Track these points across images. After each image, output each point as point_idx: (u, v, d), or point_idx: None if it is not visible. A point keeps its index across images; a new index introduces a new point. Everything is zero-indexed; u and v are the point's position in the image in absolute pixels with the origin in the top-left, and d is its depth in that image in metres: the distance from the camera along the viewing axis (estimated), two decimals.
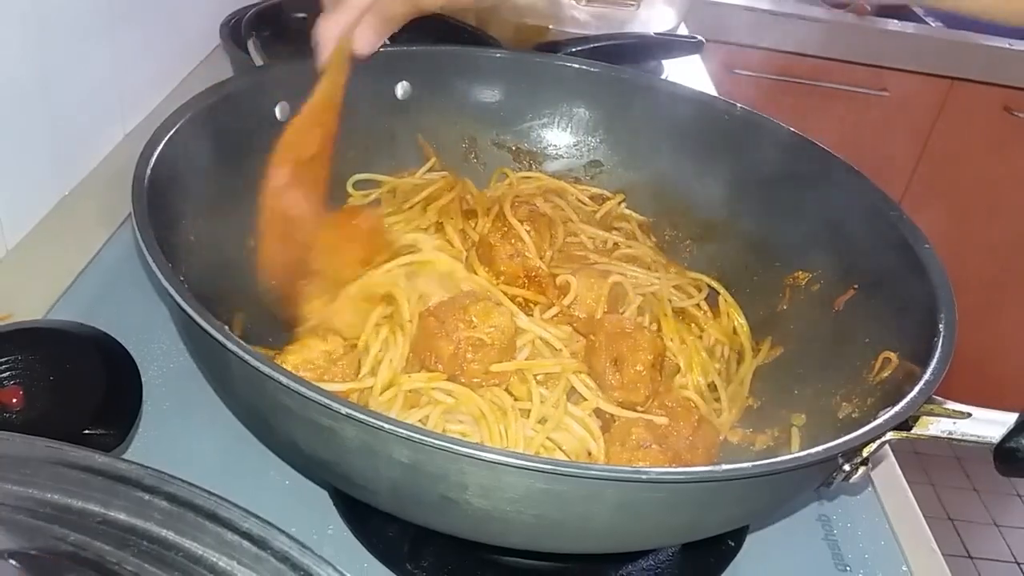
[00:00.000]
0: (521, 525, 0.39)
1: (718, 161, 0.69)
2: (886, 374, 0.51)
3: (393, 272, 0.56)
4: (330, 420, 0.37)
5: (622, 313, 0.61)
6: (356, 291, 0.56)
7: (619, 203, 0.71)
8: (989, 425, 0.44)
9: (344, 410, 0.36)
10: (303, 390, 0.37)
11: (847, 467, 0.43)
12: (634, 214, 0.71)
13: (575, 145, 0.74)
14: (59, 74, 0.67)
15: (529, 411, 0.51)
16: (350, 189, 0.68)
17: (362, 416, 0.36)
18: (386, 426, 0.36)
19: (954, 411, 0.44)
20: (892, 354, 0.51)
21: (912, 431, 0.44)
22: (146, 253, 0.42)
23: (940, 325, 0.48)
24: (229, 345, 0.38)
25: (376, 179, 0.69)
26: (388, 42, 0.60)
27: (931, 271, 0.52)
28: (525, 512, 0.38)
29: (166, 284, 0.41)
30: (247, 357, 0.38)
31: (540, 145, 0.74)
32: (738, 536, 0.52)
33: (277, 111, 0.62)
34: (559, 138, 0.74)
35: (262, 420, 0.44)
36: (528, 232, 0.63)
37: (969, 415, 0.44)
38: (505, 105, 0.72)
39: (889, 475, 0.60)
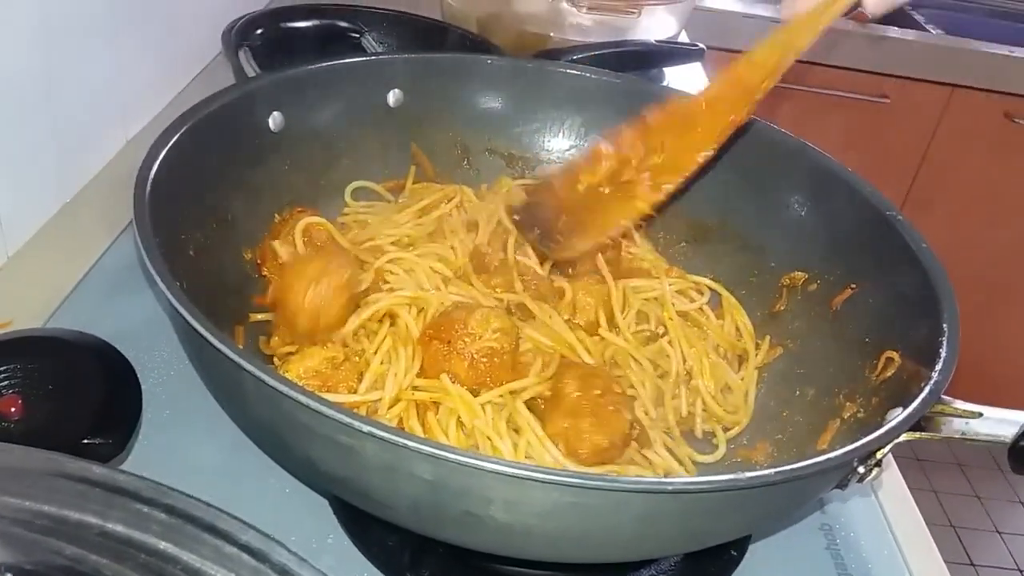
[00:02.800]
0: (544, 537, 0.40)
1: (710, 163, 0.69)
2: (889, 373, 0.51)
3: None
4: (350, 438, 0.37)
5: (624, 318, 0.61)
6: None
7: None
8: (1001, 424, 0.44)
9: (365, 428, 0.36)
10: (324, 409, 0.36)
11: (861, 469, 0.43)
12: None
13: (568, 150, 0.74)
14: (61, 80, 0.67)
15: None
16: (348, 199, 0.68)
17: (385, 434, 0.36)
18: (410, 444, 0.35)
19: (965, 411, 0.44)
20: (894, 353, 0.51)
21: (925, 432, 0.44)
22: (148, 263, 0.42)
23: (943, 324, 0.48)
24: (245, 364, 0.38)
25: (372, 188, 0.69)
26: (379, 50, 0.60)
27: (930, 270, 0.52)
28: (549, 525, 0.39)
29: (174, 302, 0.40)
30: (263, 376, 0.37)
31: (533, 150, 0.74)
32: (740, 546, 0.51)
33: (271, 122, 0.62)
34: (552, 143, 0.74)
35: (276, 437, 0.44)
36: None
37: (980, 415, 0.44)
38: (497, 111, 0.72)
39: (891, 482, 0.60)
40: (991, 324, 1.76)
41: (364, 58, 0.75)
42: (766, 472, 0.38)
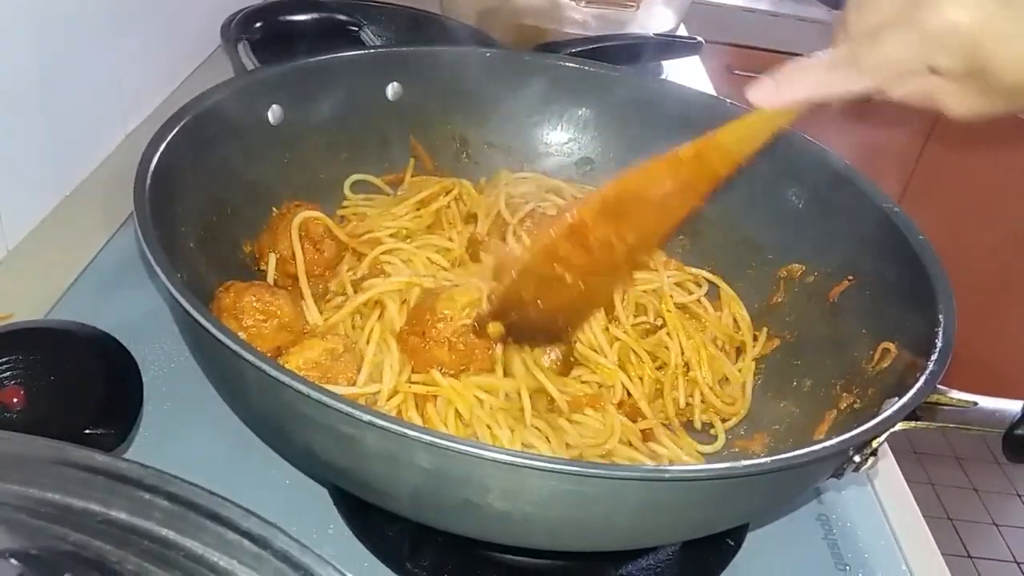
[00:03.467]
0: (542, 526, 0.40)
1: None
2: (886, 364, 0.51)
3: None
4: (351, 428, 0.37)
5: (624, 309, 0.61)
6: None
7: None
8: (996, 413, 0.45)
9: (366, 417, 0.36)
10: (325, 399, 0.36)
11: (857, 458, 0.43)
12: None
13: (566, 143, 0.74)
14: (60, 75, 0.67)
15: None
16: (347, 192, 0.68)
17: (385, 423, 0.36)
18: (409, 432, 0.36)
19: (960, 400, 0.45)
20: (891, 344, 0.52)
21: (920, 421, 0.44)
22: (149, 256, 0.42)
23: (939, 315, 0.48)
24: (246, 355, 0.38)
25: (371, 181, 0.69)
26: (377, 44, 0.59)
27: (926, 261, 0.53)
28: (547, 513, 0.39)
29: (175, 292, 0.40)
30: (264, 366, 0.38)
31: (531, 143, 0.74)
32: (738, 535, 0.52)
33: (269, 115, 0.62)
34: (551, 136, 0.74)
35: (276, 427, 0.44)
36: (528, 231, 0.63)
37: (975, 404, 0.45)
38: (496, 104, 0.72)
39: (888, 474, 0.60)
40: (988, 318, 1.77)
41: (363, 51, 0.75)
42: (762, 460, 0.38)
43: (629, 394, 0.57)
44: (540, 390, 0.53)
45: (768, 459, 0.38)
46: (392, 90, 0.69)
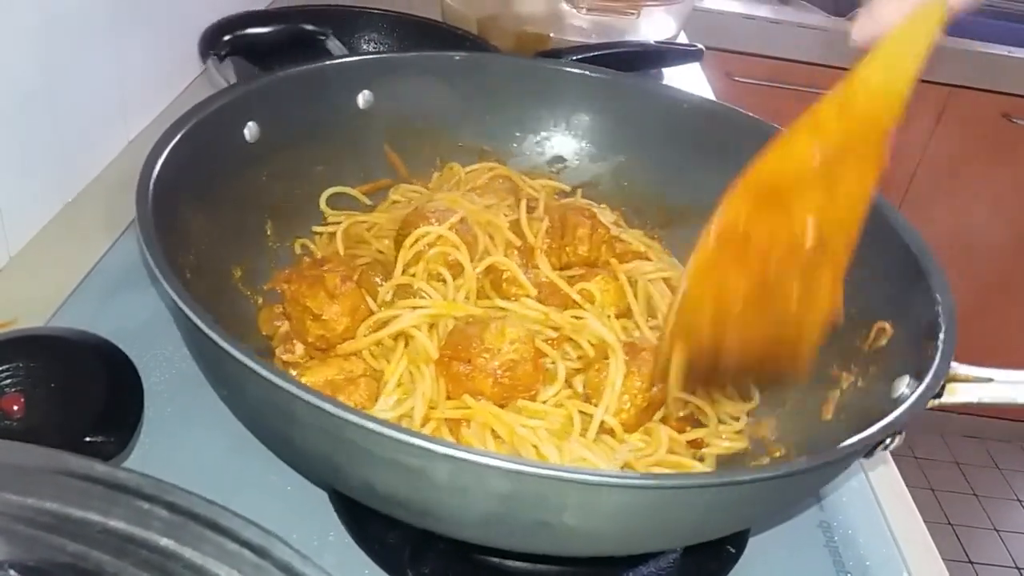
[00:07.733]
0: (609, 536, 0.40)
1: (690, 150, 0.69)
2: (883, 343, 0.51)
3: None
4: (422, 461, 0.36)
5: (640, 312, 0.60)
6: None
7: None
8: (1015, 387, 0.44)
9: (441, 450, 0.35)
10: (396, 435, 0.36)
11: (887, 440, 0.43)
12: (607, 207, 0.71)
13: (538, 143, 0.74)
14: (62, 80, 0.67)
15: None
16: (323, 207, 0.66)
17: (461, 454, 0.35)
18: (490, 461, 0.35)
19: (975, 376, 0.44)
20: (886, 324, 0.52)
21: (943, 399, 0.44)
22: (151, 262, 0.42)
23: (935, 293, 0.48)
24: (248, 363, 0.37)
25: (348, 192, 0.68)
26: (347, 52, 0.57)
27: (908, 238, 0.53)
28: (617, 524, 0.39)
29: (178, 300, 0.40)
30: (271, 376, 0.37)
31: (505, 145, 0.73)
32: (739, 542, 0.52)
33: (246, 133, 0.60)
34: (522, 137, 0.73)
35: (330, 465, 0.42)
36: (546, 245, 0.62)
37: (991, 380, 0.44)
38: (466, 107, 0.71)
39: (889, 480, 0.60)
40: (989, 324, 1.76)
41: (329, 62, 0.73)
42: (799, 461, 0.38)
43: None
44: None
45: (804, 459, 0.38)
46: (363, 98, 0.67)
